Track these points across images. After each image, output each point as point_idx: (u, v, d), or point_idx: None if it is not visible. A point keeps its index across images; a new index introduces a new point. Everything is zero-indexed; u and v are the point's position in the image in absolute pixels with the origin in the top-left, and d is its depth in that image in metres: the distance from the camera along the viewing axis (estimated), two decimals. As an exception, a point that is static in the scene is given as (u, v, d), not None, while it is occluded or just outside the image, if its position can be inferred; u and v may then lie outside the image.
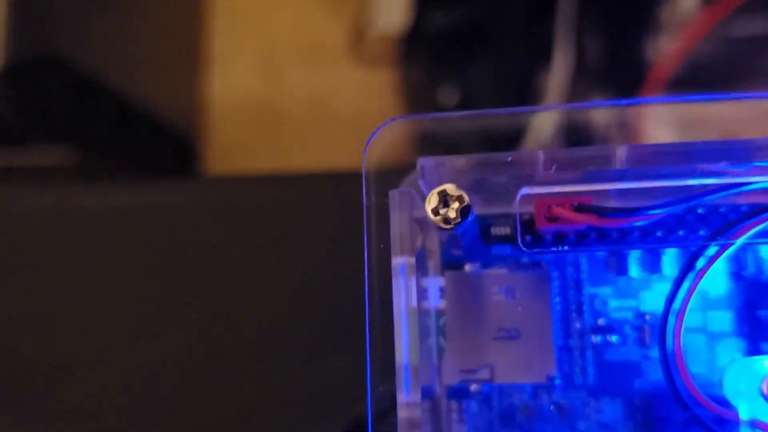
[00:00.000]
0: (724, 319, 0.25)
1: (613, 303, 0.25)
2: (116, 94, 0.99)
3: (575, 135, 0.53)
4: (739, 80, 0.58)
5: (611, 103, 0.26)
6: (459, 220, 0.20)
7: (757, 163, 0.22)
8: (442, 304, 0.26)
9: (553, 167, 0.22)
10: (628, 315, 0.25)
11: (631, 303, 0.25)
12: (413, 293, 0.22)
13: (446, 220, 0.20)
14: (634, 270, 0.25)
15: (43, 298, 0.39)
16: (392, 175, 0.24)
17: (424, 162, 0.21)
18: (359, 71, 1.07)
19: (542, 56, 0.77)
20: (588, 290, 0.25)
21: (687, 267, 0.22)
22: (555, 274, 0.26)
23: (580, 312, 0.25)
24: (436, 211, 0.20)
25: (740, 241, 0.22)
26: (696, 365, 0.25)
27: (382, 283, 0.23)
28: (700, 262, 0.22)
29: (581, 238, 0.25)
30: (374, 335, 0.23)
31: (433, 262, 0.26)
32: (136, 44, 1.05)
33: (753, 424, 0.20)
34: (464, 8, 1.02)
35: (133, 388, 0.38)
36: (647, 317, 0.25)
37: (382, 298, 0.23)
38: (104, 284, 0.39)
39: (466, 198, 0.20)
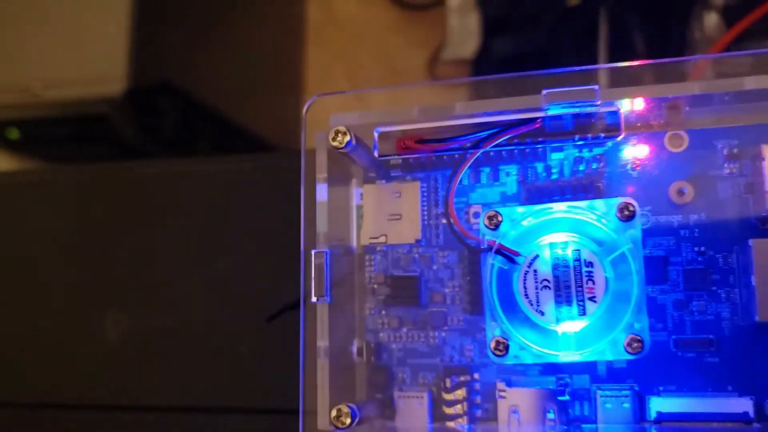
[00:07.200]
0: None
1: (455, 199, 0.45)
2: (221, 118, 1.16)
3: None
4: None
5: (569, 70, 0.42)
6: (343, 144, 0.41)
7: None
8: (361, 202, 0.46)
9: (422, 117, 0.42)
10: (462, 206, 0.45)
11: (463, 198, 0.45)
12: (324, 192, 0.43)
13: (339, 144, 0.41)
14: (465, 179, 0.45)
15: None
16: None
17: (333, 117, 0.42)
18: (435, 93, 1.23)
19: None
20: (441, 193, 0.45)
21: (456, 168, 0.41)
22: (424, 184, 0.45)
23: (436, 204, 0.45)
24: (333, 140, 0.41)
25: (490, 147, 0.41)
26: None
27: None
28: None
29: (426, 164, 0.45)
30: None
31: (357, 179, 0.46)
32: (240, 73, 1.23)
33: (488, 244, 0.39)
34: (525, 35, 1.22)
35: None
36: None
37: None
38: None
39: (350, 134, 0.41)
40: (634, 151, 0.43)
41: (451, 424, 0.43)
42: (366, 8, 1.54)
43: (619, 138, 0.41)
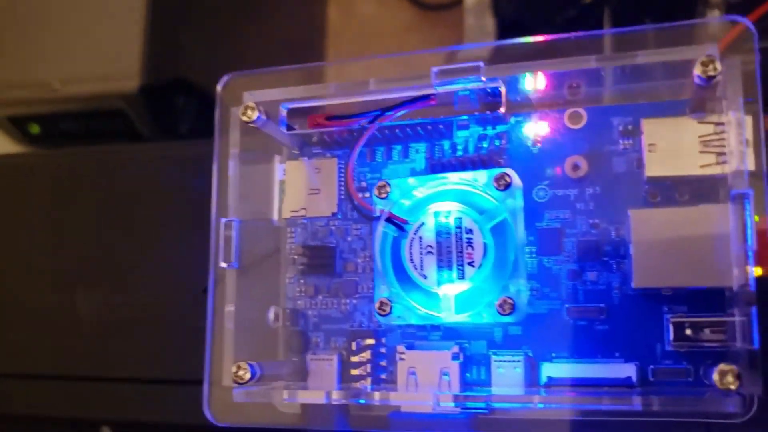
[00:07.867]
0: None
1: (368, 174, 0.47)
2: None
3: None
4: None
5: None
6: (252, 119, 0.44)
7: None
8: (284, 177, 0.49)
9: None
10: (375, 181, 0.47)
11: (377, 174, 0.47)
12: (236, 165, 0.45)
13: (248, 119, 0.44)
14: (379, 157, 0.47)
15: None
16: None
17: (246, 95, 0.45)
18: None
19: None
20: (357, 168, 0.48)
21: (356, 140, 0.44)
22: (341, 161, 0.48)
23: (352, 180, 0.48)
24: (243, 114, 0.44)
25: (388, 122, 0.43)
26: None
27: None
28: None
29: (342, 142, 0.47)
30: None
31: (281, 157, 0.49)
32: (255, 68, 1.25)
33: (382, 212, 0.42)
34: (539, 34, 1.24)
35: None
36: (384, 180, 0.46)
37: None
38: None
39: (258, 109, 0.44)
40: (536, 128, 0.45)
41: (356, 384, 0.45)
42: (385, 8, 1.57)
43: (501, 112, 0.43)
